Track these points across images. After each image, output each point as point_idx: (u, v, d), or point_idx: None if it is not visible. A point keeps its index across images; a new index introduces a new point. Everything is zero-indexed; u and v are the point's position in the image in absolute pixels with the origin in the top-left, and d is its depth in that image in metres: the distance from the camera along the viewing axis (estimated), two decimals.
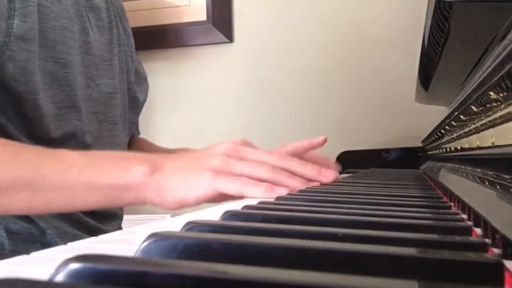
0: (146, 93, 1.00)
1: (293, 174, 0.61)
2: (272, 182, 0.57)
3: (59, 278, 0.18)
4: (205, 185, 0.56)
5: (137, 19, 1.55)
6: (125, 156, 0.62)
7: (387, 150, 1.28)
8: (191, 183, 0.57)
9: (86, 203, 0.58)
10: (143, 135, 1.09)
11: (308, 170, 0.63)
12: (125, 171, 0.57)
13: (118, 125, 0.86)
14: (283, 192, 0.55)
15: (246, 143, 0.64)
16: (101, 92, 0.82)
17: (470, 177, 0.45)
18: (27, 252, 0.25)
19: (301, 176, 0.62)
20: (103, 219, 0.83)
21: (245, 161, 0.60)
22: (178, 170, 0.58)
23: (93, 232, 0.78)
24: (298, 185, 0.59)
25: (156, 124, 1.57)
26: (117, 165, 0.58)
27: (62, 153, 0.58)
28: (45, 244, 0.73)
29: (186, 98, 1.57)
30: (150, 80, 1.20)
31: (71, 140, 0.76)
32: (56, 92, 0.74)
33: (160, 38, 1.56)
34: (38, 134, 0.72)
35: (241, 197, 0.57)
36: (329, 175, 0.65)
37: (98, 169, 0.57)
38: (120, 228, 0.89)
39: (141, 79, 0.98)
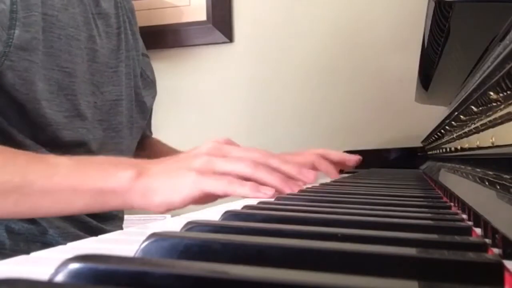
0: (153, 97, 1.00)
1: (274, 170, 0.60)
2: (254, 178, 0.57)
3: (59, 278, 0.18)
4: (190, 185, 0.55)
5: (137, 19, 1.55)
6: (112, 161, 0.62)
7: (387, 150, 1.28)
8: (176, 184, 0.56)
9: (73, 207, 0.59)
10: None
11: (289, 168, 0.62)
12: (110, 176, 0.57)
13: (122, 132, 0.85)
14: (269, 192, 0.54)
15: (229, 142, 0.63)
16: (105, 99, 0.82)
17: (470, 177, 0.45)
18: (28, 252, 0.26)
19: (282, 173, 0.61)
20: (105, 220, 0.84)
21: (227, 158, 0.59)
22: (163, 172, 0.58)
23: (95, 232, 0.78)
24: (277, 181, 0.58)
25: (156, 124, 1.56)
26: (103, 170, 0.58)
27: (50, 158, 0.59)
28: (46, 244, 0.73)
29: (186, 98, 1.57)
30: None
31: (79, 148, 0.77)
32: (63, 101, 0.74)
33: (160, 38, 1.56)
34: (46, 142, 0.72)
35: (226, 196, 0.56)
36: (309, 175, 0.64)
37: (83, 174, 0.57)
38: (121, 228, 0.89)
39: (148, 84, 0.98)
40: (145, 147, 0.99)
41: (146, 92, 0.96)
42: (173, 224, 0.36)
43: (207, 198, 0.58)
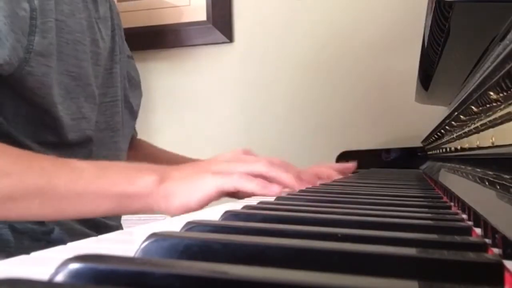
0: (139, 99, 1.01)
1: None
2: (268, 176, 0.60)
3: (59, 278, 0.18)
4: (205, 186, 0.58)
5: (137, 19, 1.55)
6: (133, 167, 0.64)
7: (387, 150, 1.28)
8: (194, 187, 0.59)
9: (96, 211, 0.60)
10: (142, 136, 1.09)
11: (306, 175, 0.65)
12: (135, 181, 0.59)
13: (120, 131, 0.88)
14: (276, 189, 0.57)
15: (248, 152, 0.67)
16: (103, 101, 0.85)
17: (470, 177, 0.45)
18: (33, 250, 0.26)
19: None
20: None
21: (244, 163, 0.62)
22: (183, 178, 0.60)
23: (98, 226, 0.81)
24: (291, 178, 0.60)
25: (156, 124, 1.57)
26: (127, 175, 0.60)
27: (73, 163, 0.60)
28: (50, 242, 0.74)
29: (186, 98, 1.57)
30: (150, 80, 1.20)
31: (82, 148, 0.78)
32: (70, 104, 0.76)
33: (160, 38, 1.56)
34: (51, 144, 0.73)
35: (238, 192, 0.59)
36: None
37: (108, 179, 0.59)
38: (119, 222, 0.91)
39: (133, 85, 1.00)
40: (132, 147, 1.00)
41: (133, 94, 0.98)
42: (173, 224, 0.36)
43: (222, 196, 0.60)
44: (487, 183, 0.37)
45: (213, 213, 0.40)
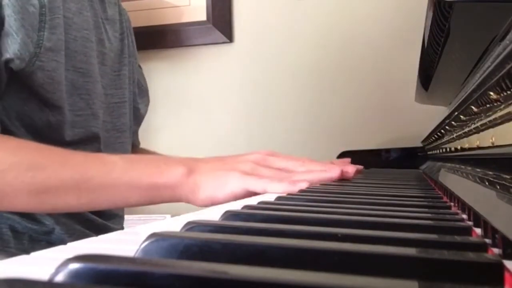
0: (146, 105, 1.03)
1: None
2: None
3: (59, 278, 0.18)
4: (234, 184, 0.61)
5: (137, 19, 1.54)
6: (162, 159, 0.68)
7: (387, 150, 1.28)
8: (221, 182, 0.62)
9: (128, 201, 0.63)
10: (142, 135, 1.09)
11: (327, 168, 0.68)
12: (164, 172, 0.62)
13: (126, 132, 0.89)
14: (304, 185, 0.59)
15: (274, 154, 0.70)
16: (109, 101, 0.86)
17: (470, 177, 0.45)
18: (33, 250, 0.26)
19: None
20: (109, 218, 0.86)
21: (271, 168, 0.65)
22: (211, 171, 0.63)
23: (99, 229, 0.81)
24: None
25: (156, 124, 1.57)
26: (156, 167, 0.63)
27: (105, 157, 0.64)
28: (50, 242, 0.74)
29: (186, 98, 1.57)
30: (150, 80, 1.20)
31: (88, 145, 0.79)
32: (76, 100, 0.77)
33: (160, 38, 1.56)
34: (54, 141, 0.74)
35: (265, 193, 0.61)
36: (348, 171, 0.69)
37: (139, 170, 0.62)
38: (122, 225, 0.91)
39: (142, 92, 1.01)
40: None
41: (141, 100, 1.00)
42: (173, 224, 0.36)
43: (246, 195, 0.63)
44: (487, 183, 0.37)
45: (213, 213, 0.40)
